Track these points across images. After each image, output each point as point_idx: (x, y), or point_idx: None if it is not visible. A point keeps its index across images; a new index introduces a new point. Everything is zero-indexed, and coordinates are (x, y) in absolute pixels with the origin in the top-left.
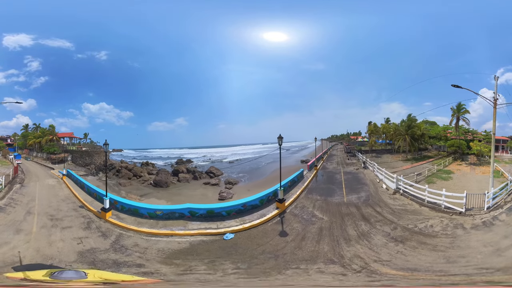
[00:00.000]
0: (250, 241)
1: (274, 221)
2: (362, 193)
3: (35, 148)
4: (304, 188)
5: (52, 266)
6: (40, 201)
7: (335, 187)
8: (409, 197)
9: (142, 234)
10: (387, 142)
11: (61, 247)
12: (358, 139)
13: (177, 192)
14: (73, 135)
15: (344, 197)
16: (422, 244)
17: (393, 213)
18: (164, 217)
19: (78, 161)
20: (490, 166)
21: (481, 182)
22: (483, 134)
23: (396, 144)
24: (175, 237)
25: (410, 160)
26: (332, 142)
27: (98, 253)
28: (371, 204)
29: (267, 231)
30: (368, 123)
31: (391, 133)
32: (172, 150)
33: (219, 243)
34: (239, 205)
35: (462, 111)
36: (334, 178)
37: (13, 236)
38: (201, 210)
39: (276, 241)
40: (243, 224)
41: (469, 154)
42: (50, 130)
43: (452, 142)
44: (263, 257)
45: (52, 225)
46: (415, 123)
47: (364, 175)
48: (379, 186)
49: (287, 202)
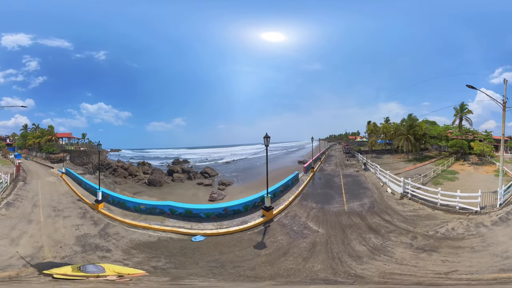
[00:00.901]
0: (215, 247)
1: (256, 230)
2: (365, 199)
3: (34, 148)
4: (299, 194)
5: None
6: (43, 195)
7: (334, 193)
8: (419, 201)
9: (124, 225)
10: (386, 142)
11: (63, 232)
12: (356, 139)
13: (170, 191)
14: (71, 135)
15: (344, 205)
16: (457, 248)
17: (406, 220)
18: (147, 211)
19: (76, 160)
20: (492, 165)
21: (487, 181)
22: (483, 134)
23: (398, 144)
24: (150, 231)
25: (412, 160)
26: (331, 142)
27: (88, 238)
28: (377, 212)
29: (242, 240)
30: (367, 122)
31: (391, 133)
32: (171, 150)
33: (183, 243)
34: (219, 208)
35: (465, 111)
36: (332, 182)
37: (27, 226)
38: (180, 209)
39: (246, 252)
40: (219, 229)
41: (470, 154)
42: (49, 130)
43: (454, 142)
44: (212, 264)
45: (55, 215)
46: (416, 122)
47: (366, 178)
48: (383, 190)
49: (277, 210)
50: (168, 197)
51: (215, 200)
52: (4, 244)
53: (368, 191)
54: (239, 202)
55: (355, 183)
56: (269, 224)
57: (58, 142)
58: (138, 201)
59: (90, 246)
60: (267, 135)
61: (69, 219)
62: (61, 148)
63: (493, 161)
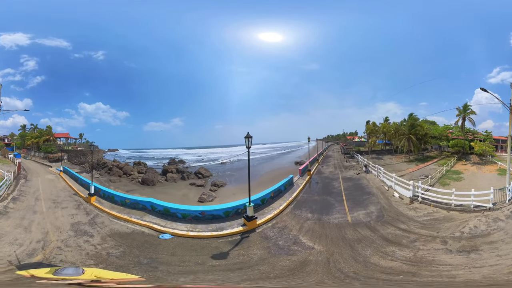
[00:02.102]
0: (174, 248)
1: (229, 239)
2: (371, 206)
3: (33, 148)
4: (292, 201)
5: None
6: (44, 191)
7: (333, 200)
8: (431, 204)
9: (110, 216)
10: (385, 142)
11: (62, 220)
12: (354, 139)
13: (162, 190)
14: (69, 136)
15: (347, 215)
16: (493, 243)
17: (424, 226)
18: (131, 206)
19: (74, 160)
20: (494, 165)
21: (492, 180)
22: (484, 134)
23: (400, 144)
24: (128, 223)
25: (413, 161)
26: (328, 142)
27: (80, 225)
28: (388, 221)
29: (207, 246)
30: (366, 122)
31: (392, 133)
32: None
33: (149, 238)
34: (197, 211)
35: (468, 112)
36: (331, 187)
37: (34, 216)
38: (159, 206)
39: (199, 259)
40: (189, 232)
41: (470, 154)
42: (47, 130)
43: (455, 142)
44: (151, 263)
45: (55, 206)
46: (418, 122)
47: (368, 181)
48: (390, 195)
49: (262, 219)
50: (159, 196)
51: (204, 201)
52: (20, 232)
53: (372, 197)
54: (220, 207)
55: (356, 187)
56: (249, 234)
57: (56, 142)
58: (124, 196)
59: (80, 231)
60: (249, 135)
61: (66, 209)
62: (59, 148)
63: (495, 160)
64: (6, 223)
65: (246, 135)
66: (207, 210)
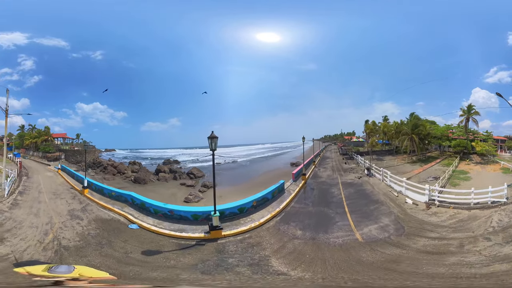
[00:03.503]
0: (132, 237)
1: (182, 242)
2: (383, 218)
3: (31, 147)
4: (279, 212)
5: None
6: (45, 185)
7: (333, 212)
8: (450, 206)
9: (98, 205)
10: (384, 142)
11: (61, 208)
12: (352, 139)
13: (152, 189)
14: (66, 136)
15: (354, 232)
16: None
17: (456, 229)
18: (116, 198)
19: (71, 159)
20: (496, 164)
21: (497, 178)
22: (484, 134)
23: (401, 144)
24: (110, 212)
25: (416, 162)
26: (326, 142)
27: (74, 211)
28: (414, 232)
29: (155, 242)
30: (365, 121)
31: (392, 132)
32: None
33: (120, 225)
34: (166, 209)
35: (472, 112)
36: (329, 195)
37: (39, 205)
38: (138, 200)
39: (138, 250)
40: (153, 226)
41: (471, 153)
42: (45, 131)
43: (458, 142)
44: (103, 242)
45: (55, 197)
46: (421, 122)
47: (372, 186)
48: (401, 202)
49: (234, 231)
50: (148, 194)
51: (190, 201)
52: (32, 218)
53: (382, 206)
54: (188, 210)
55: (360, 195)
56: (206, 243)
57: (54, 142)
58: (111, 189)
59: (74, 216)
60: (214, 135)
61: (64, 199)
62: (57, 147)
63: (497, 160)
64: (20, 212)
65: (210, 135)
66: (176, 210)
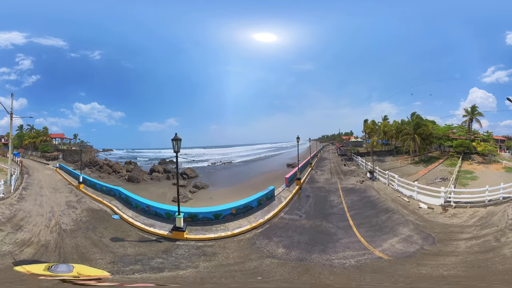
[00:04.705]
0: (110, 225)
1: (145, 235)
2: (401, 228)
3: (30, 147)
4: (262, 223)
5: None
6: (45, 182)
7: (333, 226)
8: (467, 206)
9: (91, 198)
10: (383, 142)
11: (60, 200)
12: (350, 139)
13: (144, 188)
14: (64, 136)
15: (368, 249)
16: None
17: (482, 226)
18: (106, 192)
19: (68, 158)
20: (497, 163)
21: (502, 176)
22: (485, 135)
23: (405, 144)
24: (100, 204)
25: (419, 162)
26: (323, 142)
27: (71, 202)
28: (445, 238)
29: (125, 231)
30: (364, 121)
31: (393, 132)
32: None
33: (105, 215)
34: (144, 204)
35: (475, 113)
36: (328, 204)
37: (41, 198)
38: (123, 194)
39: (108, 236)
40: (130, 219)
41: (473, 153)
42: (44, 131)
43: (460, 142)
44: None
45: (55, 191)
46: (423, 121)
47: (378, 192)
48: (415, 207)
49: (199, 236)
50: (140, 193)
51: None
52: (38, 208)
53: (394, 215)
54: (163, 207)
55: (366, 203)
56: (163, 241)
57: (52, 142)
58: (102, 184)
59: (70, 206)
60: (177, 137)
61: (62, 193)
62: (55, 147)
63: (498, 159)
64: (27, 204)
65: (174, 137)
66: (152, 205)
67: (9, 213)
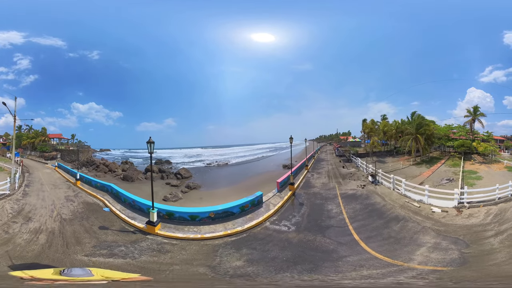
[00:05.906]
0: (100, 215)
1: (126, 227)
2: (422, 237)
3: (28, 147)
4: (241, 231)
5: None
6: (45, 179)
7: (332, 241)
8: (481, 205)
9: (86, 193)
10: (382, 142)
11: (60, 194)
12: (348, 139)
13: (138, 186)
14: (62, 136)
15: (397, 264)
16: None
17: (500, 222)
18: (100, 188)
19: (66, 158)
20: (498, 163)
21: (505, 175)
22: (485, 135)
23: (407, 144)
24: (94, 198)
25: (421, 163)
26: (321, 142)
27: (69, 197)
28: (476, 238)
29: (110, 220)
30: (363, 120)
31: (393, 132)
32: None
33: (97, 207)
34: (130, 199)
35: (477, 114)
36: (325, 214)
37: (43, 193)
38: (115, 190)
39: (97, 224)
40: (117, 212)
41: (473, 153)
42: (42, 132)
43: (461, 142)
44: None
45: (55, 188)
46: (425, 121)
47: (383, 198)
48: (427, 212)
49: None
50: (134, 191)
51: (168, 200)
52: (41, 202)
53: (408, 223)
54: (146, 203)
55: (371, 211)
56: (138, 233)
57: (50, 142)
58: (97, 180)
59: (69, 199)
60: (151, 140)
61: (61, 189)
62: (53, 147)
63: (498, 159)
64: (31, 199)
65: (148, 140)
66: (137, 201)
67: (18, 207)
